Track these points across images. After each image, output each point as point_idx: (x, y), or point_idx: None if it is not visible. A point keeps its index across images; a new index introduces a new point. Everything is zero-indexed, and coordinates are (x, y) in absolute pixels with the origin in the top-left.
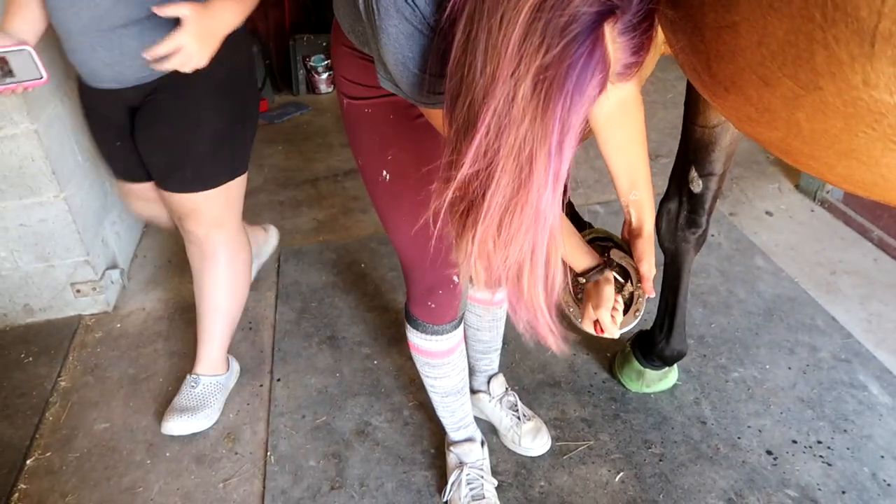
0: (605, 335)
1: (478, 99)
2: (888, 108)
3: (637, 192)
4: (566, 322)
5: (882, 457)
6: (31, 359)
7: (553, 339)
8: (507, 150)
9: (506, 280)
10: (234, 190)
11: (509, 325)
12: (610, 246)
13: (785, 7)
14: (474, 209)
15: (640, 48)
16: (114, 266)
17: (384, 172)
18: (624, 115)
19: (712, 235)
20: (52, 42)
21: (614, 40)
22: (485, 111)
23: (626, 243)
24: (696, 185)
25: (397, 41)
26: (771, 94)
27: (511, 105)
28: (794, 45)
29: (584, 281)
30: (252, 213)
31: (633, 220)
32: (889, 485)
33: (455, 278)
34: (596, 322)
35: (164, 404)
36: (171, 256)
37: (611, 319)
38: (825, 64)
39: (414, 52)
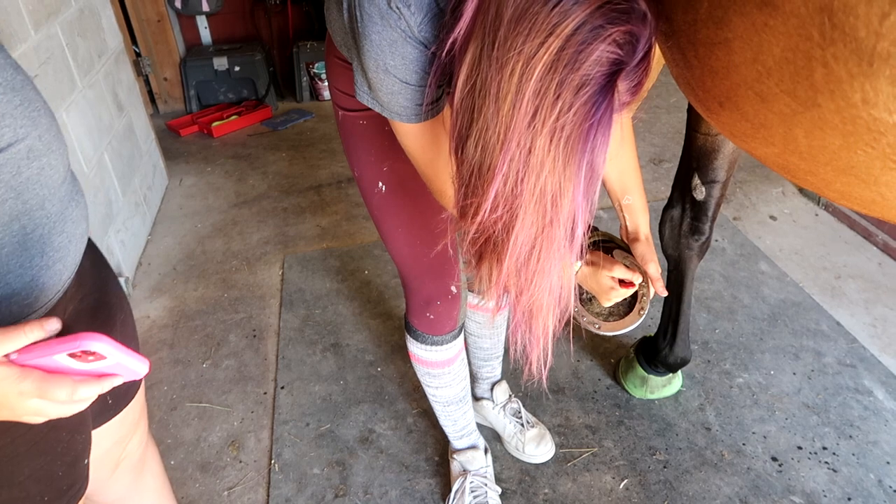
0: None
1: (491, 145)
2: (887, 128)
3: (629, 197)
4: (584, 331)
5: (888, 463)
6: None
7: (541, 367)
8: (528, 196)
9: (517, 306)
10: None
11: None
12: (612, 247)
13: (780, 25)
14: (496, 246)
15: (638, 89)
16: (119, 274)
17: (380, 184)
18: None
19: (716, 240)
20: None
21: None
22: (501, 160)
23: (628, 246)
24: (700, 193)
25: (380, 48)
26: (767, 109)
27: (528, 156)
28: (791, 63)
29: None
30: (256, 221)
31: (629, 224)
32: (895, 491)
33: (453, 289)
34: (621, 281)
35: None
36: (176, 264)
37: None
38: (824, 81)
39: (396, 61)
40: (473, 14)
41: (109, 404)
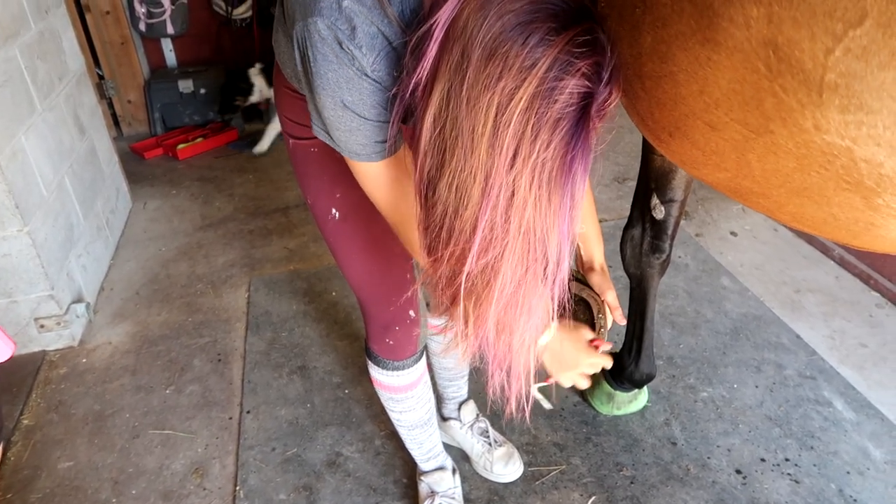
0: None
1: (466, 185)
2: (840, 150)
3: (582, 225)
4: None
5: (848, 472)
6: None
7: (524, 405)
8: (514, 236)
9: (497, 347)
10: None
11: None
12: (569, 280)
13: (725, 60)
14: (475, 287)
15: (606, 113)
16: (79, 300)
17: (333, 210)
18: None
19: (679, 257)
20: None
21: None
22: (483, 206)
23: (584, 277)
24: (659, 212)
25: (336, 84)
26: (718, 137)
27: (512, 198)
28: (739, 94)
29: None
30: (222, 243)
31: (583, 252)
32: (855, 500)
33: (412, 313)
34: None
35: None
36: (139, 289)
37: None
38: (775, 110)
39: (353, 96)
40: (437, 54)
41: None
